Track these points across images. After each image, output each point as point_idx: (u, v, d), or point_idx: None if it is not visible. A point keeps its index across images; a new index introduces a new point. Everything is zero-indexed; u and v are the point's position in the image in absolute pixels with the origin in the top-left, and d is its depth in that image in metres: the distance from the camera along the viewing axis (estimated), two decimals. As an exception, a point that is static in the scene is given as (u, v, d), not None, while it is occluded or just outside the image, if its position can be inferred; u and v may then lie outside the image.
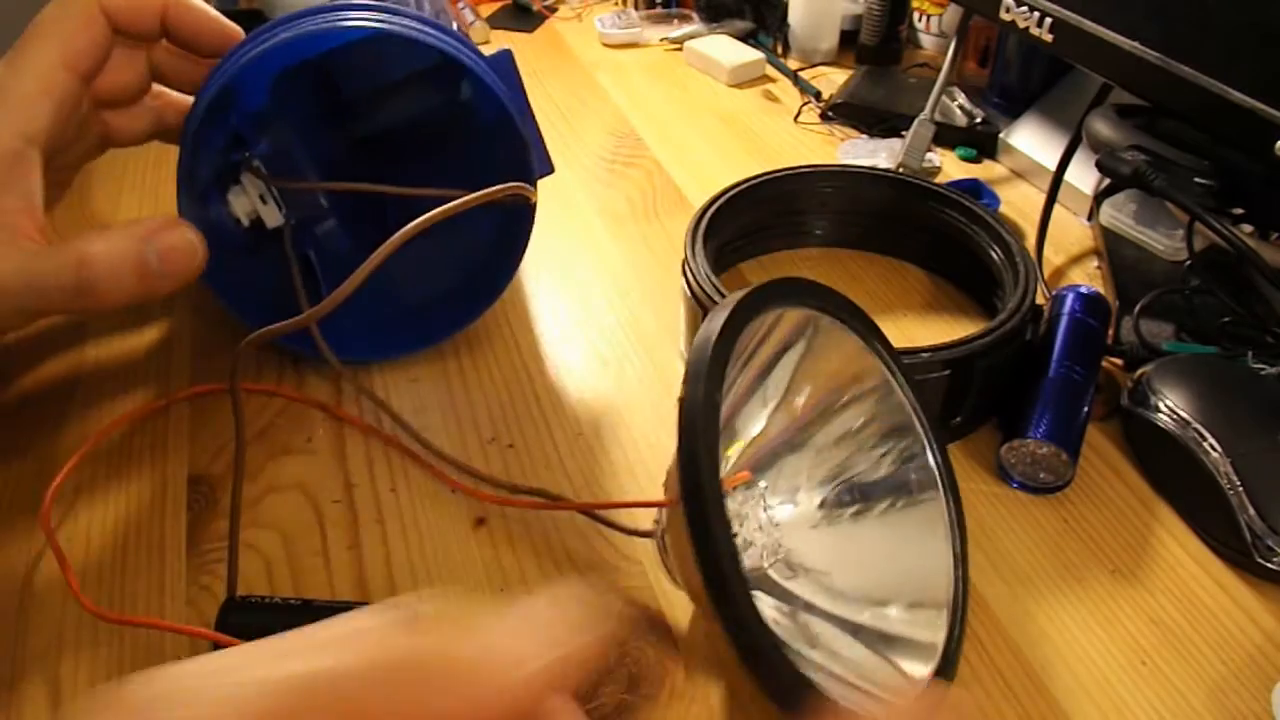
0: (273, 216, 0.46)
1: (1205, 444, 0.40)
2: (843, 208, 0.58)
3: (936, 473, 0.38)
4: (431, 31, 0.43)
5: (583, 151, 0.72)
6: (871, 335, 0.38)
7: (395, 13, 0.43)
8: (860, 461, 0.38)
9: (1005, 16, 0.57)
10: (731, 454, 0.38)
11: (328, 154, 0.51)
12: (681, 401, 0.29)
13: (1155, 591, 0.39)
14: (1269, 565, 0.38)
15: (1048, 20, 0.54)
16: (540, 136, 0.50)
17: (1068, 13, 0.53)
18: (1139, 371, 0.45)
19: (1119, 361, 0.49)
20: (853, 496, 0.38)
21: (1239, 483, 0.39)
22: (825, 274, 0.57)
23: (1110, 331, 0.49)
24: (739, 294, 0.32)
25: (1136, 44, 0.49)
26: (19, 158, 0.36)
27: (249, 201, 0.45)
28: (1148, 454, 0.44)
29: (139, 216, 0.64)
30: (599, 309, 0.55)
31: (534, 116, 0.49)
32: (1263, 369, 0.45)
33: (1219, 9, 0.45)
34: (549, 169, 0.51)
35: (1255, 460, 0.39)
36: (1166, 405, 0.42)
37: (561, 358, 0.51)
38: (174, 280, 0.38)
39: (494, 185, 0.40)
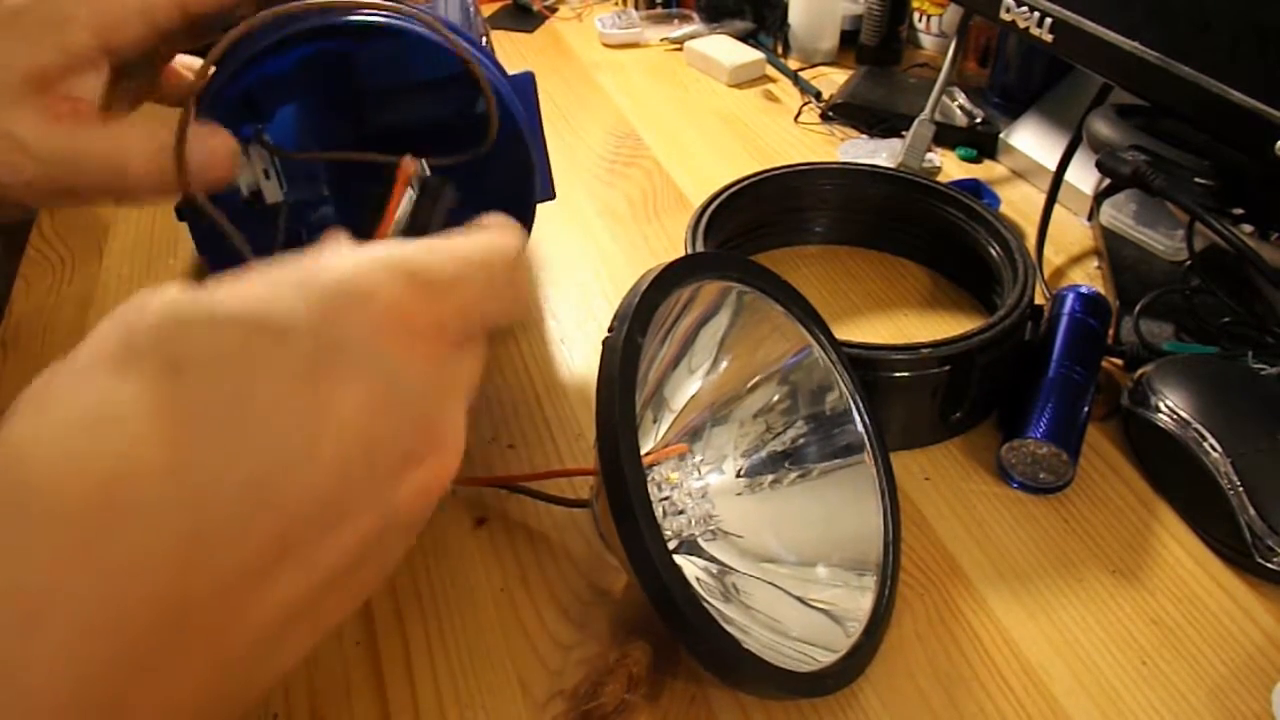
0: (273, 192, 0.46)
1: (1205, 444, 0.40)
2: (843, 205, 0.58)
3: (865, 436, 0.39)
4: (460, 42, 0.43)
5: (583, 151, 0.72)
6: (794, 304, 0.39)
7: (429, 16, 0.43)
8: (787, 427, 0.40)
9: (1005, 16, 0.57)
10: (664, 425, 0.39)
11: (335, 142, 0.51)
12: (605, 341, 0.30)
13: (1155, 591, 0.39)
14: (1269, 565, 0.38)
15: (1048, 20, 0.54)
16: (547, 162, 0.50)
17: (1068, 13, 0.53)
18: (1139, 371, 0.45)
19: (1119, 361, 0.49)
20: (781, 462, 0.40)
21: (1239, 483, 0.39)
22: (825, 271, 0.57)
23: (1110, 331, 0.49)
24: (657, 267, 0.33)
25: (1136, 44, 0.49)
26: (91, 64, 0.36)
27: (252, 173, 0.45)
28: (1148, 454, 0.44)
29: (139, 216, 0.64)
30: (599, 309, 0.55)
31: (544, 142, 0.50)
32: (1263, 369, 0.45)
33: (1219, 9, 0.45)
34: (550, 195, 0.52)
35: (1255, 460, 0.39)
36: (1166, 405, 0.42)
37: (562, 358, 0.51)
38: (205, 183, 0.37)
39: (493, 200, 0.39)
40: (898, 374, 0.42)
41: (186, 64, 0.45)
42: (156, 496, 0.20)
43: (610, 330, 0.31)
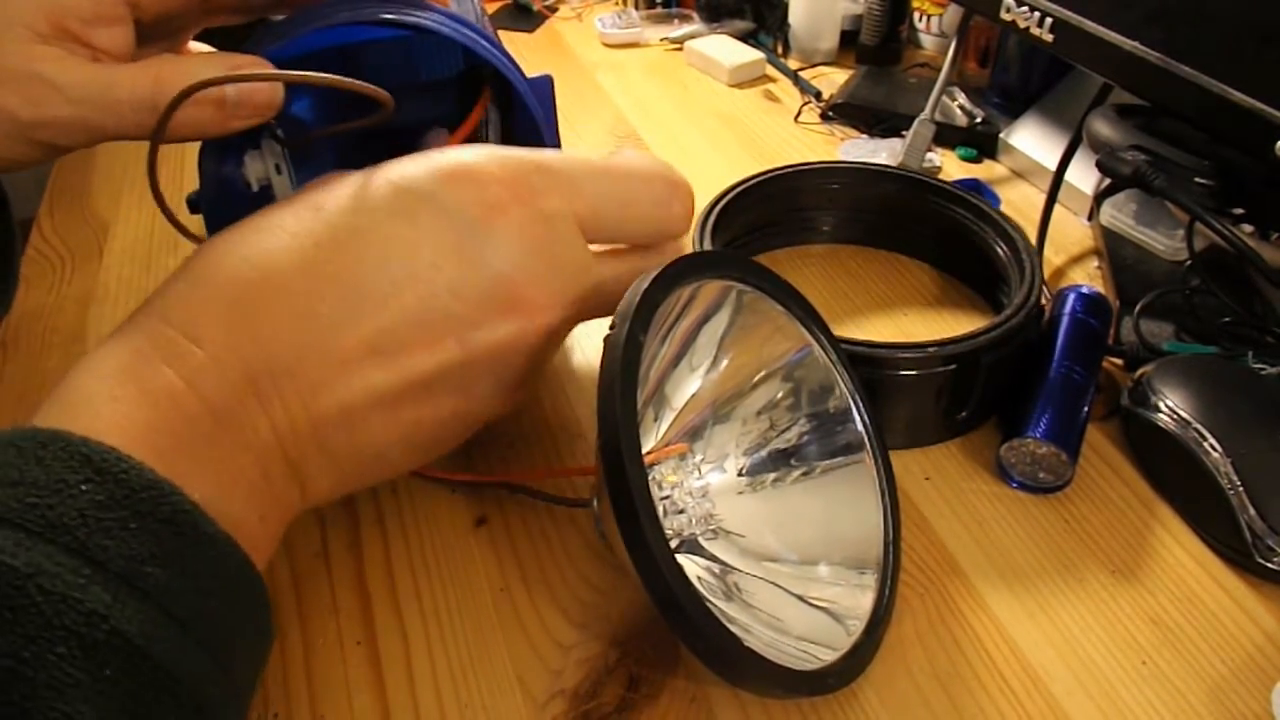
0: (283, 188, 0.46)
1: (1205, 444, 0.40)
2: (848, 204, 0.58)
3: (864, 434, 0.39)
4: (487, 46, 0.43)
5: (583, 151, 0.72)
6: (794, 304, 0.39)
7: (453, 18, 0.43)
8: (788, 426, 0.40)
9: (1005, 16, 0.57)
10: (665, 424, 0.39)
11: (339, 142, 0.51)
12: (606, 338, 0.30)
13: (1155, 591, 0.39)
14: (1269, 565, 0.38)
15: (1048, 20, 0.54)
16: None
17: (1068, 13, 0.53)
18: (1139, 371, 0.45)
19: (1119, 361, 0.49)
20: (782, 461, 0.40)
21: (1239, 483, 0.39)
22: (830, 270, 0.57)
23: (1110, 331, 0.49)
24: (661, 266, 0.34)
25: (1136, 44, 0.49)
26: (117, 17, 0.37)
27: (263, 168, 0.45)
28: (1148, 454, 0.44)
29: (139, 216, 0.64)
30: (599, 309, 0.55)
31: (560, 144, 0.50)
32: (1263, 369, 0.45)
33: (1219, 9, 0.45)
34: None
35: (1255, 460, 0.39)
36: (1166, 405, 0.42)
37: (562, 358, 0.51)
38: (247, 118, 0.37)
39: None
40: (903, 373, 0.42)
41: (200, 50, 0.45)
42: (292, 287, 0.30)
43: (612, 327, 0.31)
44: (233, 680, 0.25)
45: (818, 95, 0.78)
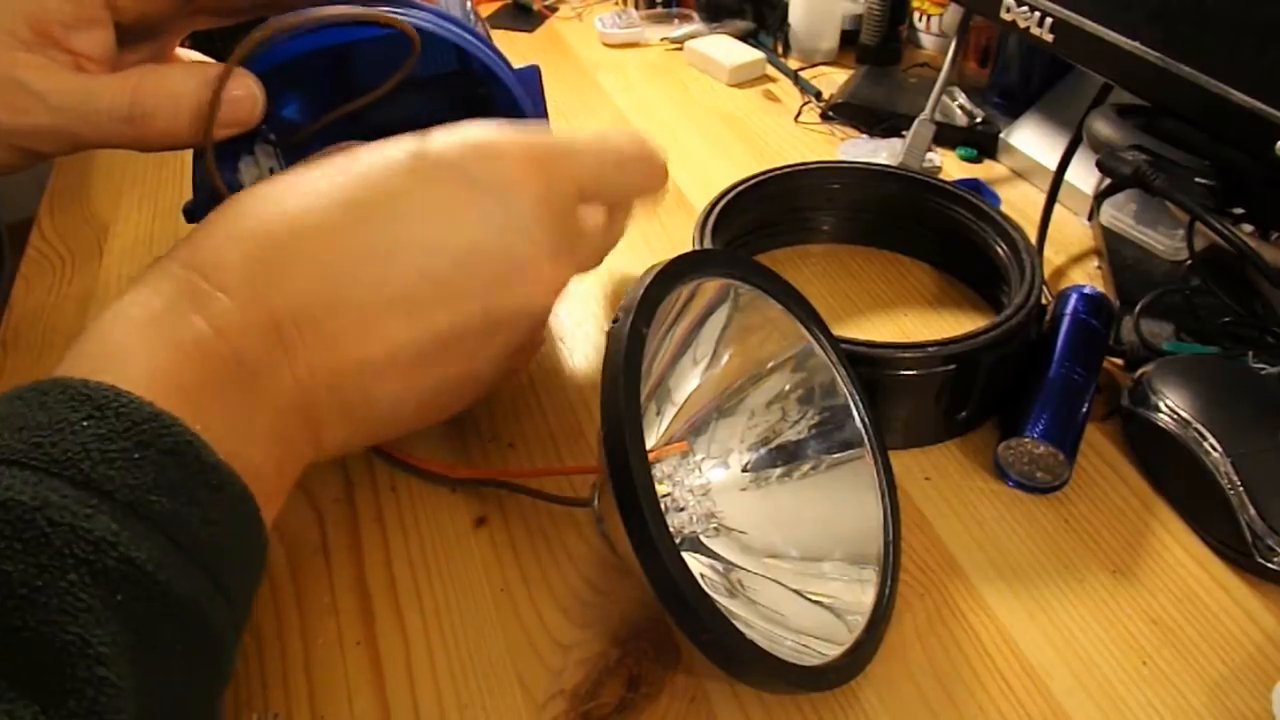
0: None
1: (1205, 444, 0.40)
2: (848, 204, 0.58)
3: (864, 433, 0.39)
4: (472, 40, 0.43)
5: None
6: (793, 303, 0.39)
7: (441, 15, 0.43)
8: (789, 423, 0.40)
9: (1006, 16, 0.57)
10: (667, 418, 0.39)
11: (333, 141, 0.51)
12: (609, 331, 0.30)
13: (1155, 591, 0.39)
14: (1269, 565, 0.38)
15: (1048, 20, 0.54)
16: None
17: (1068, 13, 0.53)
18: (1139, 371, 0.45)
19: (1119, 361, 0.49)
20: (782, 458, 0.40)
21: (1239, 483, 0.39)
22: (830, 270, 0.57)
23: (1110, 331, 0.49)
24: (662, 262, 0.34)
25: (1136, 44, 0.49)
26: (97, 21, 0.37)
27: (259, 173, 0.45)
28: (1148, 454, 0.44)
29: (139, 216, 0.64)
30: (599, 308, 0.55)
31: None
32: (1263, 369, 0.45)
33: (1219, 9, 0.45)
34: None
35: (1255, 460, 0.39)
36: (1166, 405, 0.42)
37: (562, 358, 0.51)
38: (228, 128, 0.38)
39: None
40: (903, 373, 0.42)
41: (190, 58, 0.45)
42: (320, 242, 0.31)
43: (615, 320, 0.31)
44: (233, 606, 0.26)
45: (818, 95, 0.78)
